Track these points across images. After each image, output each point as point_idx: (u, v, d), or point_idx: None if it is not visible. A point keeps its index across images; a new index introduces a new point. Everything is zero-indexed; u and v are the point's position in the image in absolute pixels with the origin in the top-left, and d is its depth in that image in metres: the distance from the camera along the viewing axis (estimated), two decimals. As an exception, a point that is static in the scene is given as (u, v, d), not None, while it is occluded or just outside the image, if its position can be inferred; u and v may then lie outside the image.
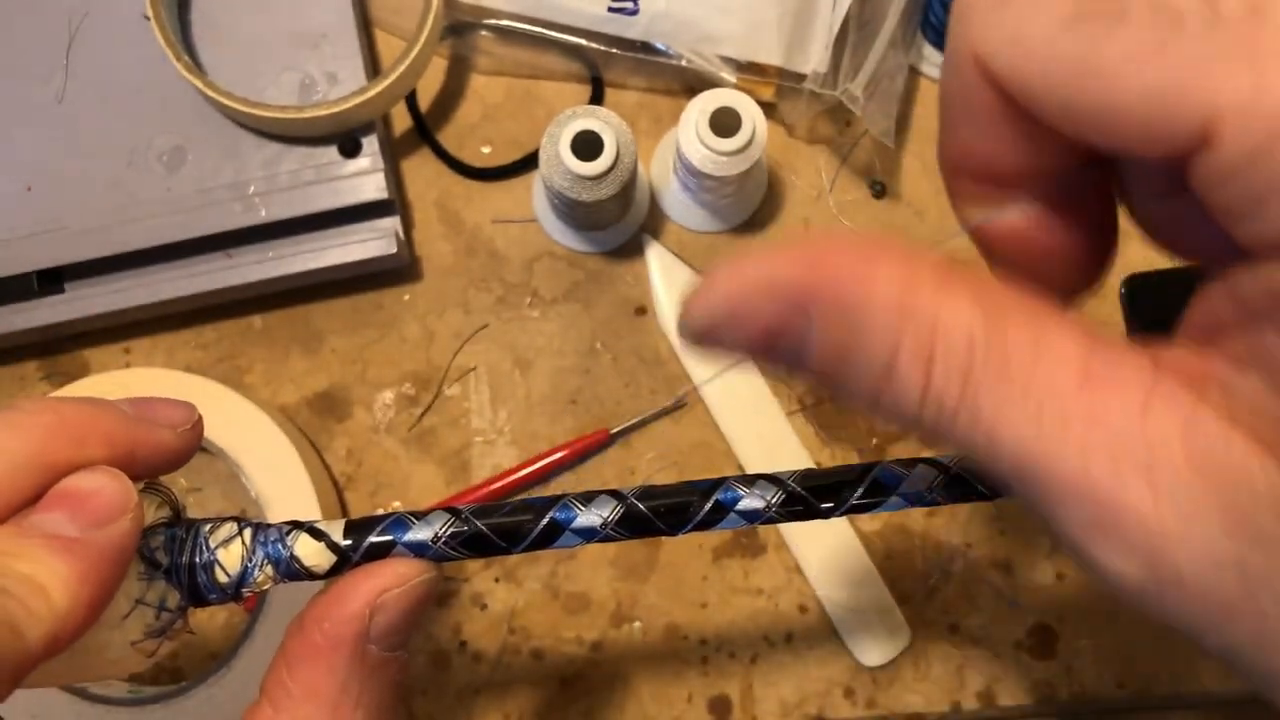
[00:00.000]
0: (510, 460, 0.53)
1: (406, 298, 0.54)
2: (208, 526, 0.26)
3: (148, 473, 0.27)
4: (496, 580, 0.52)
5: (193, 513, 0.27)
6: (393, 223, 0.53)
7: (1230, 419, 0.16)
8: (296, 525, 0.26)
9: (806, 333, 0.18)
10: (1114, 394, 0.16)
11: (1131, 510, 0.16)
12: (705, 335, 0.19)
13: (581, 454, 0.53)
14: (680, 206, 0.54)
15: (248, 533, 0.26)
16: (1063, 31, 0.15)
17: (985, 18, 0.16)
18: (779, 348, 0.18)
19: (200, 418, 0.28)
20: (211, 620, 0.52)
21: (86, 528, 0.24)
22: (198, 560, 0.25)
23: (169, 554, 0.25)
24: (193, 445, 0.28)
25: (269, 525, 0.26)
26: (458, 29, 0.55)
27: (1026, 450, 0.17)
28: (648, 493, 0.25)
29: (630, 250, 0.54)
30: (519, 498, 0.51)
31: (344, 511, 0.53)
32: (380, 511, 0.52)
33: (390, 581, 0.25)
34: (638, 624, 0.52)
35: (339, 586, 0.26)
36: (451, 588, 0.52)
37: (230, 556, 0.25)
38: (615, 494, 0.25)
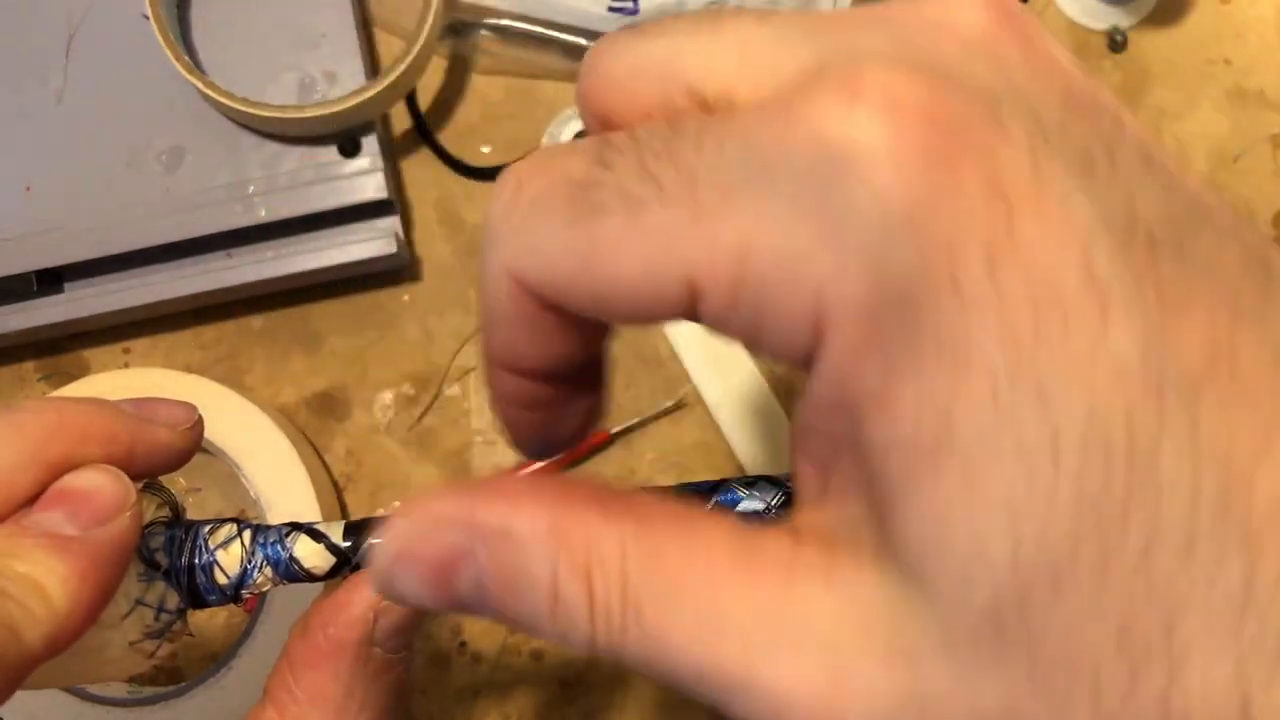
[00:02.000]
0: (510, 460, 0.53)
1: (406, 298, 0.54)
2: (207, 528, 0.26)
3: (148, 472, 0.27)
4: (496, 580, 0.52)
5: (192, 513, 0.27)
6: (392, 223, 0.53)
7: (858, 559, 0.17)
8: (296, 527, 0.26)
9: (476, 564, 0.18)
10: (760, 572, 0.17)
11: (801, 690, 0.16)
12: (387, 585, 0.19)
13: (581, 454, 0.53)
14: (680, 206, 0.54)
15: (247, 534, 0.26)
16: (565, 233, 0.18)
17: (509, 237, 0.19)
18: (454, 583, 0.19)
19: (200, 418, 0.28)
20: (211, 621, 0.52)
21: (86, 526, 0.24)
22: (197, 561, 0.25)
23: (168, 555, 0.25)
24: (193, 445, 0.28)
25: (268, 527, 0.26)
26: (458, 29, 0.55)
27: (695, 652, 0.17)
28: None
29: (630, 250, 0.54)
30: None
31: (344, 512, 0.53)
32: (380, 512, 0.53)
33: None
34: (638, 624, 0.52)
35: (342, 590, 0.26)
36: (451, 588, 0.52)
37: (229, 558, 0.25)
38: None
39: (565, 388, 0.22)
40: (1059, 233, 0.15)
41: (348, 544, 0.25)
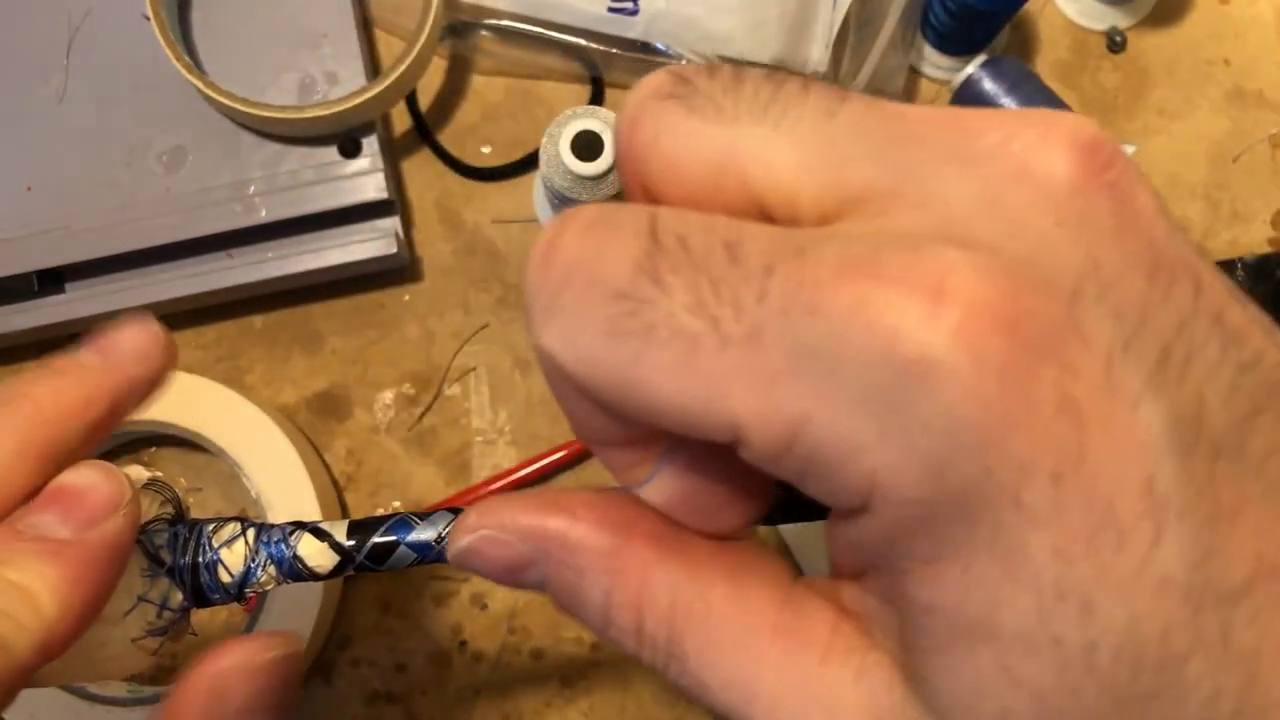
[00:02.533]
0: (510, 460, 0.53)
1: (406, 298, 0.54)
2: (211, 526, 0.26)
3: (134, 406, 0.26)
4: (497, 580, 0.52)
5: (194, 512, 0.27)
6: (393, 223, 0.53)
7: (891, 660, 0.18)
8: (300, 525, 0.26)
9: (540, 571, 0.20)
10: (799, 645, 0.18)
11: None
12: (462, 562, 0.21)
13: (581, 454, 0.53)
14: (680, 206, 0.54)
15: (251, 533, 0.26)
16: (604, 341, 0.17)
17: (542, 319, 0.17)
18: (524, 581, 0.20)
19: (164, 332, 0.27)
20: (212, 620, 0.52)
21: (79, 529, 0.24)
22: (201, 560, 0.25)
23: (172, 552, 0.25)
24: (168, 362, 0.27)
25: (272, 525, 0.26)
26: (458, 29, 0.55)
27: (729, 700, 0.19)
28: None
29: (630, 250, 0.54)
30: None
31: (344, 511, 0.53)
32: (380, 512, 0.53)
33: (232, 661, 0.25)
34: (638, 624, 0.52)
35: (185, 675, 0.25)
36: (451, 588, 0.52)
37: (233, 556, 0.25)
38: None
39: (691, 476, 0.21)
40: (1125, 449, 0.15)
41: (351, 543, 0.25)
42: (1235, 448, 0.16)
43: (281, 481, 0.49)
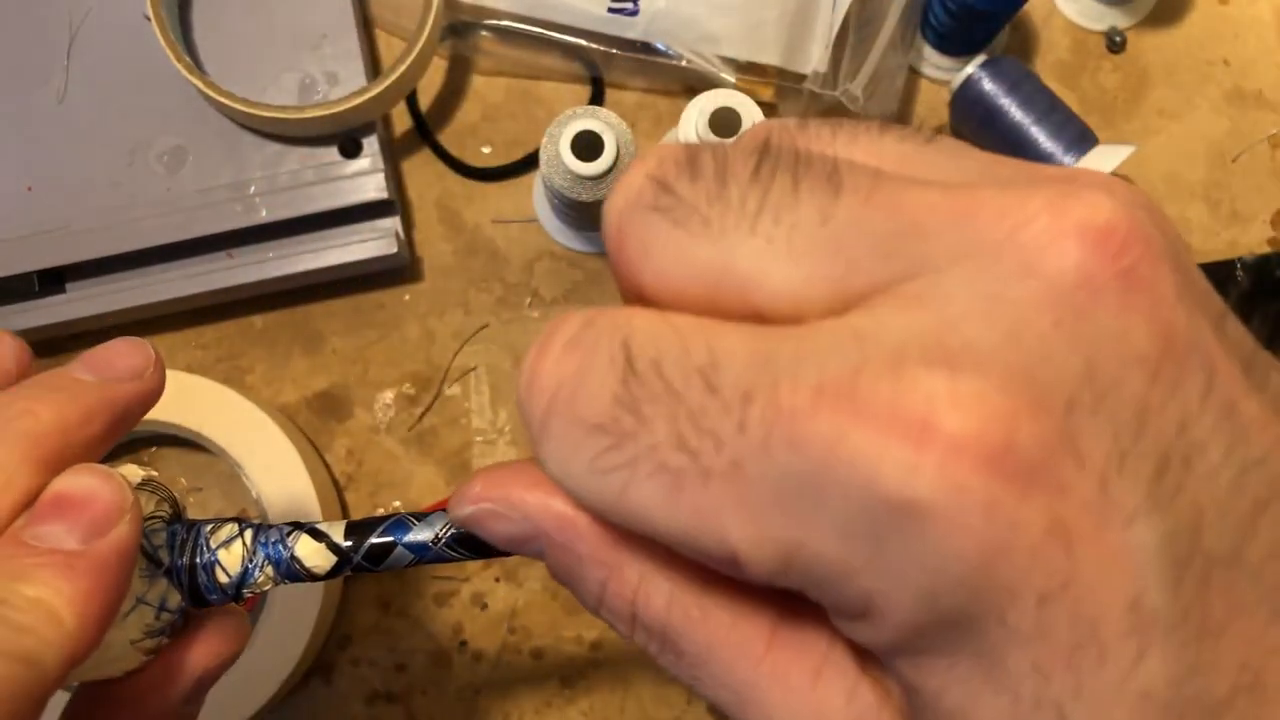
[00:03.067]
0: (509, 460, 0.53)
1: (407, 298, 0.54)
2: (209, 527, 0.26)
3: (129, 428, 0.27)
4: (496, 580, 0.52)
5: (193, 512, 0.27)
6: (393, 223, 0.53)
7: (883, 690, 0.18)
8: (297, 526, 0.26)
9: (541, 548, 0.20)
10: (793, 660, 0.18)
11: None
12: (461, 525, 0.21)
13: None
14: (680, 206, 0.54)
15: (249, 533, 0.26)
16: (591, 476, 0.17)
17: (536, 440, 0.17)
18: (522, 551, 0.20)
19: (158, 355, 0.27)
20: (212, 620, 0.52)
21: (87, 539, 0.23)
22: (199, 560, 0.25)
23: (170, 553, 0.25)
24: (160, 382, 0.27)
25: (270, 526, 0.26)
26: (458, 29, 0.55)
27: (722, 698, 0.19)
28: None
29: (630, 250, 0.54)
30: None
31: (344, 511, 0.53)
32: (380, 511, 0.53)
33: (208, 660, 0.27)
34: (638, 624, 0.52)
35: (162, 667, 0.27)
36: (451, 588, 0.52)
37: (231, 557, 0.25)
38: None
39: None
40: (1114, 569, 0.15)
41: (348, 543, 0.25)
42: (1232, 554, 0.15)
43: (281, 481, 0.49)
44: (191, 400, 0.49)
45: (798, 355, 0.15)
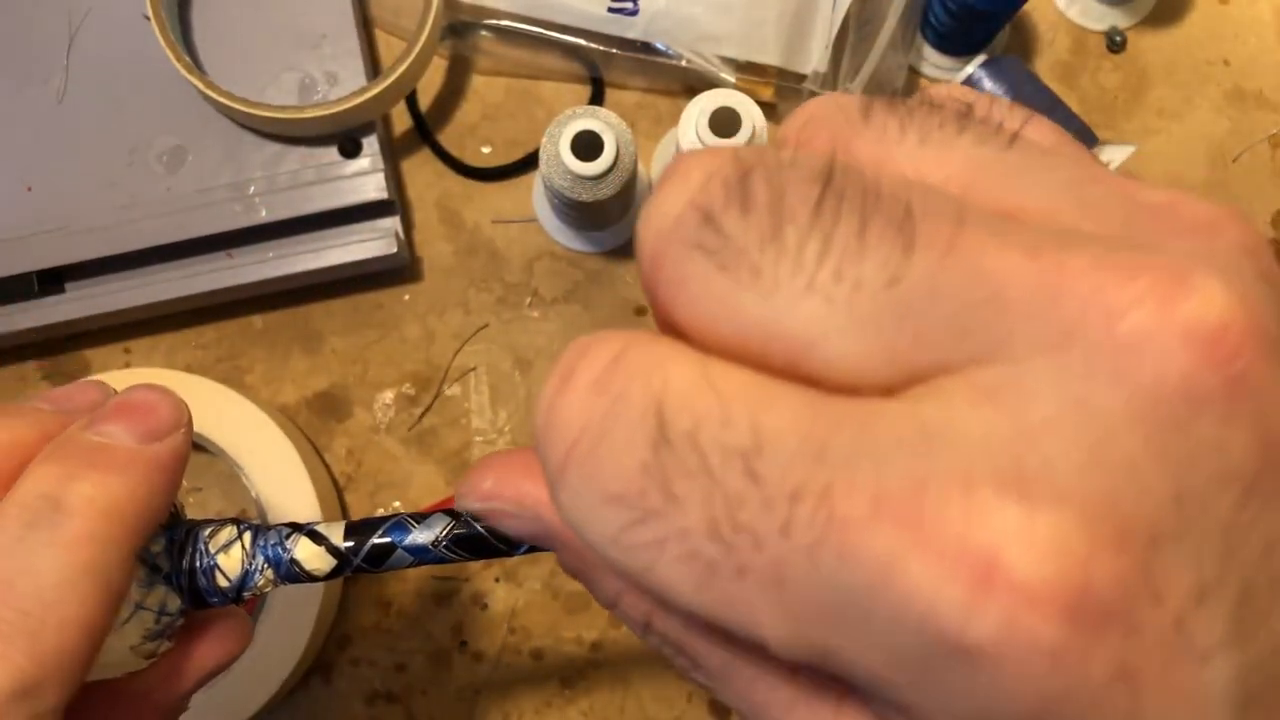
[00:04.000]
0: (510, 460, 0.53)
1: (406, 298, 0.54)
2: (207, 530, 0.26)
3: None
4: (496, 580, 0.52)
5: (193, 513, 0.27)
6: (393, 223, 0.53)
7: None
8: (296, 528, 0.26)
9: (553, 546, 0.19)
10: (815, 694, 0.17)
11: None
12: (468, 514, 0.20)
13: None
14: (680, 206, 0.54)
15: (247, 536, 0.25)
16: (613, 546, 0.15)
17: (552, 481, 0.16)
18: (534, 542, 0.20)
19: (189, 419, 0.28)
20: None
21: (144, 440, 0.25)
22: (198, 565, 0.25)
23: (169, 559, 0.25)
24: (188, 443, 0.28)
25: (268, 528, 0.26)
26: (458, 29, 0.55)
27: (737, 706, 0.18)
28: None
29: (630, 250, 0.54)
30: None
31: (344, 511, 0.53)
32: (380, 512, 0.53)
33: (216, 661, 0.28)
34: (637, 624, 0.52)
35: (168, 665, 0.27)
36: (451, 587, 0.52)
37: (230, 561, 0.25)
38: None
39: None
40: (1180, 711, 0.13)
41: (349, 544, 0.25)
42: None
43: (281, 482, 0.49)
44: (191, 400, 0.49)
45: (855, 449, 0.14)
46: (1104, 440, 0.13)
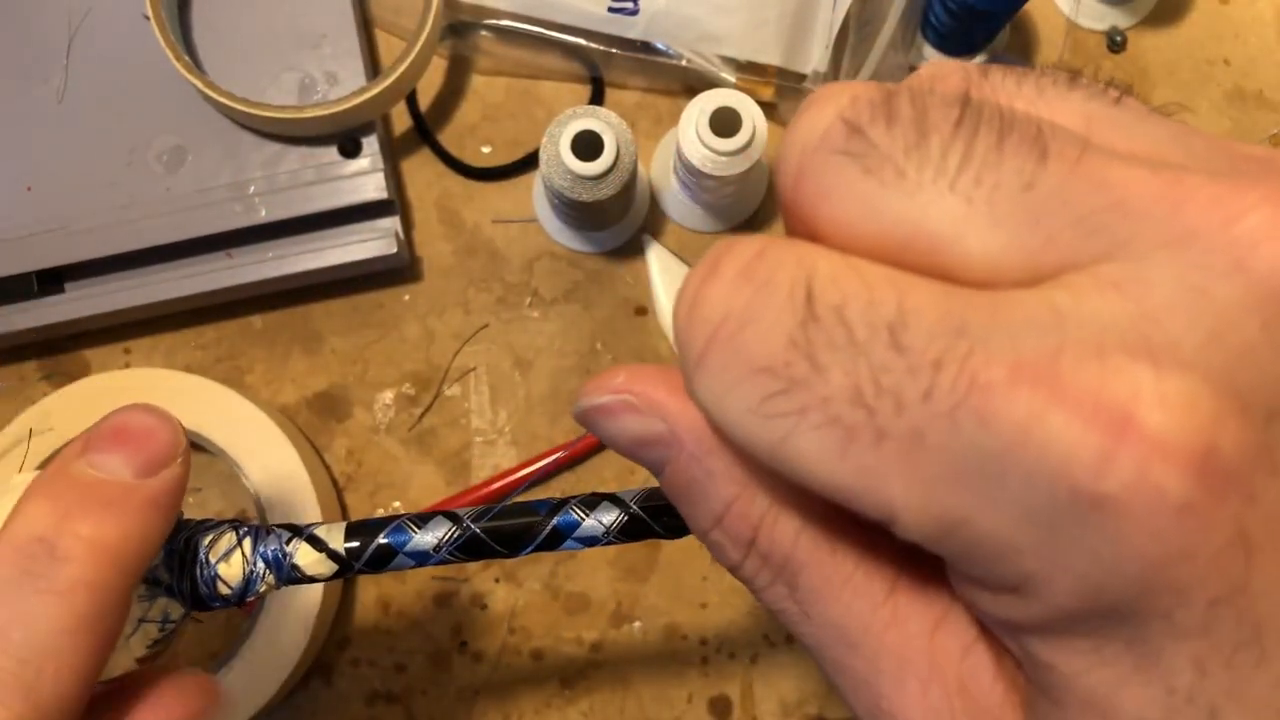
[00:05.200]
0: (510, 460, 0.53)
1: (406, 298, 0.54)
2: (206, 539, 0.26)
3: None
4: (496, 580, 0.52)
5: (192, 513, 0.27)
6: (393, 223, 0.53)
7: (998, 654, 0.18)
8: (296, 532, 0.26)
9: (665, 456, 0.19)
10: (915, 607, 0.18)
11: (900, 711, 0.18)
12: (586, 416, 0.20)
13: (581, 454, 0.53)
14: (680, 206, 0.54)
15: (247, 543, 0.25)
16: (752, 419, 0.16)
17: (691, 370, 0.17)
18: (641, 456, 0.20)
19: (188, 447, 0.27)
20: (212, 620, 0.52)
21: (141, 474, 0.25)
22: (199, 575, 0.25)
23: (168, 571, 0.25)
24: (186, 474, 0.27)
25: (268, 532, 0.26)
26: (458, 29, 0.55)
27: (824, 635, 0.19)
28: (650, 495, 0.25)
29: (630, 250, 0.54)
30: (519, 499, 0.51)
31: (344, 511, 0.53)
32: (380, 512, 0.53)
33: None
34: (638, 624, 0.52)
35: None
36: (451, 588, 0.52)
37: (231, 570, 0.25)
38: (617, 500, 0.25)
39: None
40: None
41: (351, 545, 0.25)
42: None
43: (281, 482, 0.49)
44: (191, 400, 0.49)
45: (993, 325, 0.15)
46: (1223, 324, 0.14)
